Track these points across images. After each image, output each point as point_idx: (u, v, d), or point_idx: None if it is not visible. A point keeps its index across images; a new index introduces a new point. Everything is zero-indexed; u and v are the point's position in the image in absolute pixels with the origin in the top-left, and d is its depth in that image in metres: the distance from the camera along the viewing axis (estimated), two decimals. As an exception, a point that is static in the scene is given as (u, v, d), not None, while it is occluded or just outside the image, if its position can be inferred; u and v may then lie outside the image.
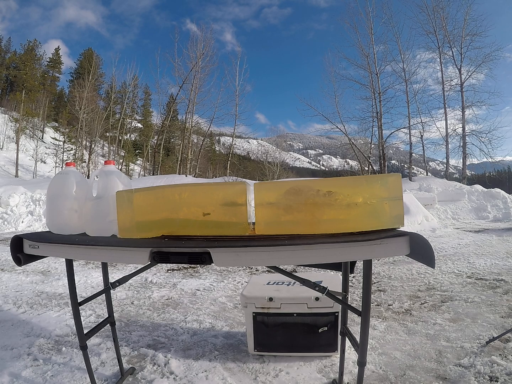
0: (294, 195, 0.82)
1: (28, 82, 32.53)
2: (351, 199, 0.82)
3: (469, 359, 1.59)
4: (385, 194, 0.83)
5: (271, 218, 0.84)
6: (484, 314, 2.18)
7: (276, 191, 0.85)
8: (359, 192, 0.83)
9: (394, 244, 0.78)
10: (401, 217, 0.84)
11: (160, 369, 1.59)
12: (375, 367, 1.56)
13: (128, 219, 0.89)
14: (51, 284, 3.06)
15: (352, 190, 0.83)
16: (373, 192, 0.83)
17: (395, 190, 0.84)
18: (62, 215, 1.04)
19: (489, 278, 3.09)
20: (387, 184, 0.84)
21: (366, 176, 0.81)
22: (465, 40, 14.88)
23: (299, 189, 0.83)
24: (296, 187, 0.84)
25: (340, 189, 0.83)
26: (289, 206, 0.82)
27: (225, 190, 0.87)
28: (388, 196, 0.83)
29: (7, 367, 1.57)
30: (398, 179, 0.85)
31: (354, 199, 0.82)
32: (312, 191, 0.82)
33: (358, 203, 0.81)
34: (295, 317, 1.60)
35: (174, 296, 2.72)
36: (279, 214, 0.83)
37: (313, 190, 0.82)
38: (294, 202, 0.82)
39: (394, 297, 2.62)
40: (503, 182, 26.55)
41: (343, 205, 0.81)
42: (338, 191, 0.82)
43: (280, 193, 0.84)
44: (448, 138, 15.08)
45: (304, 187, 0.83)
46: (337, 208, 0.81)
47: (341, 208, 0.81)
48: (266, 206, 0.84)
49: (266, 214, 0.84)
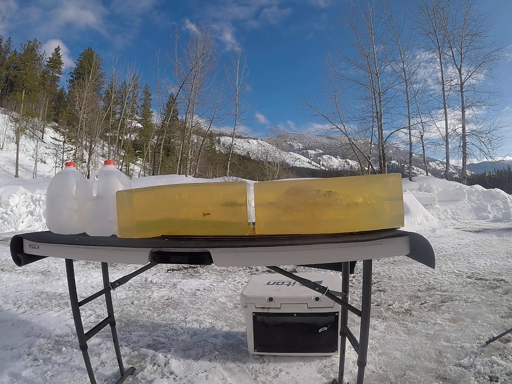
0: (294, 195, 0.82)
1: (28, 82, 32.53)
2: (351, 199, 0.81)
3: (469, 359, 1.59)
4: (385, 194, 0.83)
5: (271, 218, 0.84)
6: (484, 314, 2.18)
7: (276, 191, 0.85)
8: (359, 192, 0.83)
9: (394, 244, 0.78)
10: (401, 217, 0.84)
11: (160, 369, 1.59)
12: (375, 367, 1.56)
13: (128, 219, 0.89)
14: (51, 284, 3.06)
15: (352, 190, 0.83)
16: (373, 192, 0.82)
17: (395, 190, 0.84)
18: (62, 215, 1.04)
19: (489, 278, 3.09)
20: (387, 184, 0.84)
21: (366, 176, 0.82)
22: (465, 40, 14.89)
23: (299, 189, 0.83)
24: (296, 187, 0.84)
25: (340, 189, 0.83)
26: (289, 206, 0.82)
27: (225, 190, 0.87)
28: (388, 196, 0.83)
29: (7, 367, 1.58)
30: (398, 179, 0.84)
31: (354, 199, 0.82)
32: (312, 191, 0.82)
33: (358, 203, 0.81)
34: (295, 317, 1.60)
35: (174, 296, 2.72)
36: (279, 214, 0.83)
37: (313, 190, 0.82)
38: (294, 202, 0.82)
39: (394, 297, 2.62)
40: (503, 182, 26.56)
41: (343, 205, 0.81)
42: (338, 191, 0.82)
43: (280, 193, 0.84)
44: (448, 138, 15.09)
45: (304, 187, 0.83)
46: (337, 208, 0.81)
47: (341, 208, 0.81)
48: (266, 206, 0.84)
49: (266, 214, 0.84)
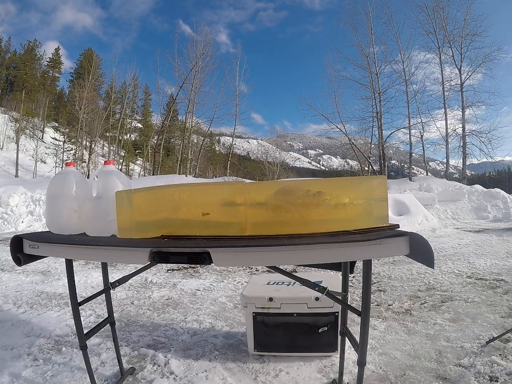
0: (284, 195, 0.84)
1: (28, 82, 32.51)
2: (339, 200, 0.85)
3: (469, 359, 1.59)
4: (371, 195, 0.88)
5: (261, 219, 0.86)
6: (484, 314, 2.18)
7: (266, 191, 0.88)
8: (346, 193, 0.86)
9: (394, 244, 0.78)
10: (385, 217, 0.89)
11: (160, 369, 1.59)
12: (375, 367, 1.56)
13: (127, 219, 0.89)
14: (51, 284, 3.06)
15: (340, 191, 0.87)
16: (359, 193, 0.87)
17: (380, 192, 0.88)
18: (62, 215, 1.04)
19: (489, 278, 3.09)
20: (372, 186, 0.89)
21: (353, 177, 0.91)
22: (465, 40, 14.86)
23: (289, 189, 0.84)
24: (286, 187, 0.85)
25: (329, 189, 0.86)
26: (279, 206, 0.84)
27: (224, 190, 0.88)
28: (373, 197, 0.88)
29: (7, 367, 1.58)
30: (383, 181, 0.89)
31: (342, 199, 0.85)
32: (301, 191, 0.84)
33: (346, 204, 0.85)
34: (295, 317, 1.60)
35: (174, 296, 2.72)
36: (269, 215, 0.85)
37: (303, 190, 0.84)
38: (283, 202, 0.84)
39: (394, 297, 2.62)
40: (503, 182, 26.55)
41: (331, 205, 0.84)
42: (327, 192, 0.85)
43: (270, 193, 0.86)
44: (448, 138, 15.07)
45: (294, 188, 0.85)
46: (325, 208, 0.84)
47: (329, 208, 0.84)
48: (256, 206, 0.85)
49: (256, 214, 0.86)
